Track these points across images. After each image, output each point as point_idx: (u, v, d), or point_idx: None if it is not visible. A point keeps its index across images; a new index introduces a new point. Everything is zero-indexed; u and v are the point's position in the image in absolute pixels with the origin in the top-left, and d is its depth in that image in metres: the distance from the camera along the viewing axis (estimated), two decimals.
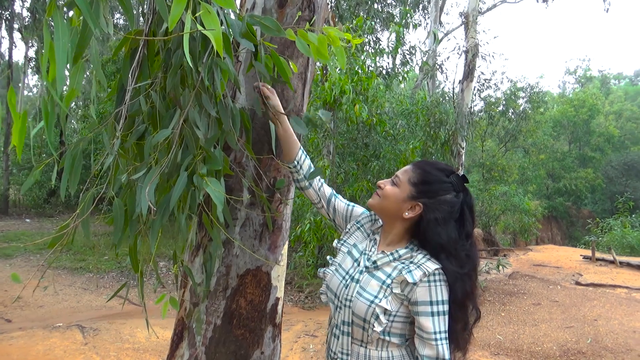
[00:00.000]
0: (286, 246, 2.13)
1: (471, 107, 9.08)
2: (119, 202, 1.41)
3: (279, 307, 2.09)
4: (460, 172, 1.56)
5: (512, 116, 20.24)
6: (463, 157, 9.01)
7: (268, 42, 1.67)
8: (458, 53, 9.17)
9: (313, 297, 7.85)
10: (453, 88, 8.84)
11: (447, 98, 9.56)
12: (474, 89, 9.48)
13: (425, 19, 17.43)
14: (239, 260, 1.98)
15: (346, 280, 1.57)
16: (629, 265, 10.09)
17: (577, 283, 8.72)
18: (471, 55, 8.69)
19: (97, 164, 1.40)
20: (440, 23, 18.53)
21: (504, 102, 19.77)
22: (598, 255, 11.38)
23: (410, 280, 1.41)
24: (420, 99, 8.87)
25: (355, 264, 1.60)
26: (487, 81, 9.78)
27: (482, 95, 11.55)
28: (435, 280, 1.41)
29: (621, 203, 20.57)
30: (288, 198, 2.08)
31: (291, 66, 1.74)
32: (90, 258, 9.85)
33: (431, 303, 1.39)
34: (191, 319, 1.99)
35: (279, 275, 2.06)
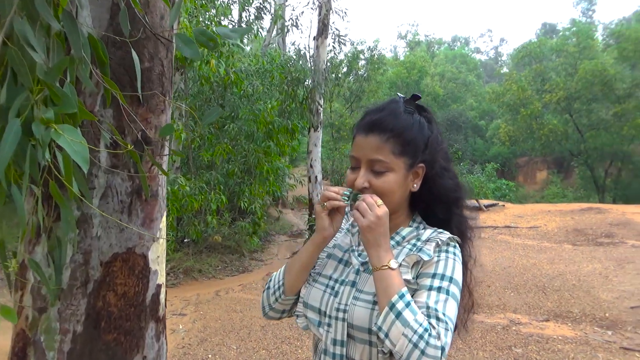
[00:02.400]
0: (164, 218, 1.68)
1: (327, 64, 9.08)
2: None
3: (162, 297, 1.65)
4: (395, 98, 1.21)
5: (359, 76, 21.20)
6: (321, 115, 9.05)
7: None
8: (312, 8, 9.00)
9: (176, 273, 7.25)
10: (308, 45, 8.69)
11: (302, 55, 9.40)
12: (329, 46, 9.49)
13: None
14: (102, 243, 1.48)
15: (332, 288, 1.18)
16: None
17: None
18: (325, 10, 8.59)
19: None
20: None
21: (347, 64, 20.56)
22: None
23: (425, 257, 1.08)
24: (275, 57, 8.54)
25: (342, 266, 1.22)
26: (341, 37, 9.85)
27: (336, 52, 11.66)
28: (447, 251, 1.11)
29: (451, 154, 23.27)
30: (163, 155, 1.62)
31: None
32: None
33: (433, 276, 1.06)
34: (36, 330, 1.46)
35: (158, 256, 1.61)
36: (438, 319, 0.98)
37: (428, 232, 1.16)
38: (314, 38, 8.80)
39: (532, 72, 25.83)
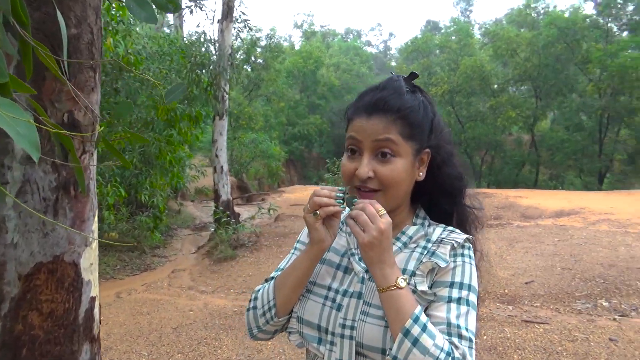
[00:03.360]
0: (96, 218, 1.41)
1: (232, 49, 8.70)
2: None
3: (96, 312, 1.39)
4: (394, 76, 1.05)
5: (255, 64, 20.84)
6: (227, 102, 8.67)
7: None
8: None
9: None
10: (213, 28, 8.24)
11: (207, 39, 8.91)
12: (235, 30, 9.08)
13: None
14: (20, 251, 1.20)
15: (333, 300, 1.01)
16: None
17: None
18: None
19: None
20: None
21: (245, 51, 20.11)
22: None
23: (442, 263, 0.95)
24: (175, 39, 7.99)
25: (342, 273, 1.05)
26: (247, 22, 9.51)
27: (242, 37, 11.22)
28: (462, 255, 0.98)
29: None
30: (93, 141, 1.35)
31: None
32: None
33: (452, 285, 0.94)
34: None
35: (91, 263, 1.35)
36: (461, 336, 0.87)
37: (438, 231, 1.04)
38: (218, 21, 8.38)
39: (420, 66, 27.50)
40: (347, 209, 0.97)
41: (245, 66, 20.79)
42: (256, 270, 6.73)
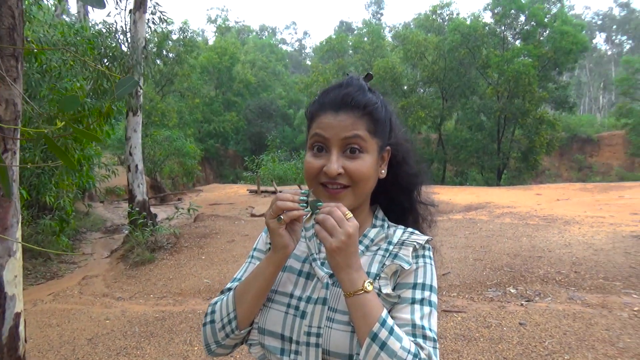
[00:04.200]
0: (20, 225, 1.26)
1: (146, 41, 8.22)
2: None
3: (21, 329, 1.24)
4: (354, 75, 1.05)
5: (167, 59, 19.98)
6: (141, 97, 8.17)
7: None
8: None
9: None
10: (124, 19, 7.73)
11: (119, 29, 8.33)
12: (148, 21, 8.56)
13: None
14: None
15: (296, 308, 0.97)
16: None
17: (252, 215, 9.61)
18: None
19: None
20: None
21: (156, 44, 19.20)
22: (259, 188, 12.87)
23: (405, 265, 0.95)
24: (82, 29, 7.38)
25: (303, 279, 1.01)
26: (162, 13, 9.03)
27: (158, 30, 10.65)
28: (424, 256, 0.99)
29: (270, 141, 23.84)
30: (16, 139, 1.20)
31: None
32: None
33: (414, 286, 0.94)
34: None
35: (16, 275, 1.20)
36: (425, 337, 0.88)
37: (399, 233, 1.03)
38: (131, 12, 7.87)
39: (335, 66, 28.13)
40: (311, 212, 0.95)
41: (156, 60, 19.87)
42: (177, 273, 6.46)
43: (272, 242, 0.95)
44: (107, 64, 7.04)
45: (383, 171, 1.04)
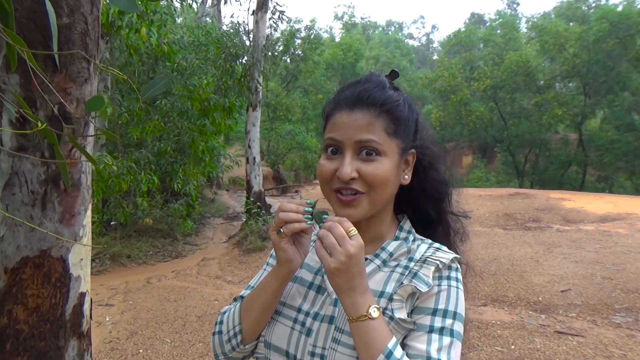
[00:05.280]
0: (90, 212, 1.38)
1: (267, 40, 8.69)
2: None
3: (86, 308, 1.37)
4: (375, 71, 0.96)
5: (294, 56, 20.85)
6: (260, 93, 8.68)
7: None
8: None
9: (102, 259, 6.71)
10: (247, 19, 8.25)
11: (242, 30, 8.94)
12: (269, 21, 9.06)
13: None
14: (6, 244, 1.19)
15: (302, 324, 0.90)
16: None
17: None
18: None
19: None
20: None
21: (284, 42, 20.14)
22: None
23: (422, 288, 0.84)
24: (211, 30, 8.04)
25: (314, 292, 0.94)
26: (282, 13, 9.47)
27: (273, 29, 11.22)
28: (449, 278, 0.87)
29: None
30: (87, 135, 1.32)
31: None
32: None
33: (434, 312, 0.83)
34: None
35: (82, 259, 1.33)
36: None
37: (423, 248, 0.92)
38: (253, 12, 8.38)
39: (462, 60, 26.73)
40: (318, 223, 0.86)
41: (283, 57, 20.86)
42: None
43: (276, 255, 0.89)
44: (230, 62, 7.56)
45: (406, 177, 0.94)
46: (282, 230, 0.85)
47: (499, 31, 28.96)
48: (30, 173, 1.19)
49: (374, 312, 0.78)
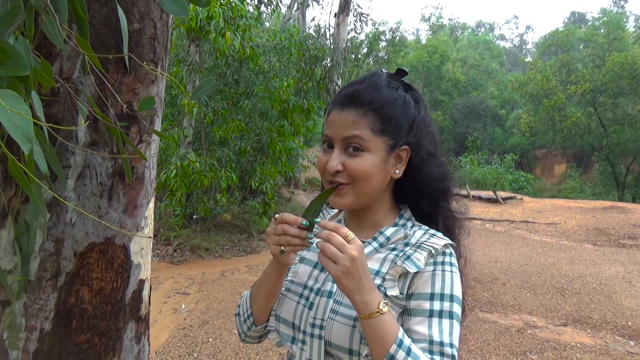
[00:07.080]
0: (152, 205, 1.48)
1: (347, 43, 8.76)
2: None
3: (145, 294, 1.46)
4: (377, 70, 1.04)
5: (377, 58, 20.74)
6: None
7: None
8: None
9: (182, 250, 7.14)
10: (328, 22, 8.37)
11: (322, 33, 9.08)
12: (350, 24, 9.13)
13: None
14: (77, 230, 1.30)
15: (307, 299, 1.02)
16: (479, 198, 11.13)
17: None
18: None
19: None
20: None
21: (367, 45, 20.11)
22: None
23: (411, 268, 0.92)
24: (294, 33, 8.25)
25: (318, 271, 1.05)
26: (363, 16, 9.49)
27: (357, 32, 11.30)
28: (443, 263, 0.93)
29: (470, 142, 22.80)
30: (150, 132, 1.41)
31: None
32: None
33: (432, 297, 0.90)
34: None
35: (142, 248, 1.42)
36: (443, 354, 0.85)
37: (418, 234, 0.99)
38: (335, 15, 8.48)
39: (558, 62, 25.00)
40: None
41: (367, 60, 20.83)
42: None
43: (273, 258, 1.00)
44: (310, 65, 7.70)
45: (397, 171, 1.01)
46: (284, 249, 0.91)
47: (602, 30, 26.71)
48: (99, 166, 1.30)
49: (384, 307, 0.83)
